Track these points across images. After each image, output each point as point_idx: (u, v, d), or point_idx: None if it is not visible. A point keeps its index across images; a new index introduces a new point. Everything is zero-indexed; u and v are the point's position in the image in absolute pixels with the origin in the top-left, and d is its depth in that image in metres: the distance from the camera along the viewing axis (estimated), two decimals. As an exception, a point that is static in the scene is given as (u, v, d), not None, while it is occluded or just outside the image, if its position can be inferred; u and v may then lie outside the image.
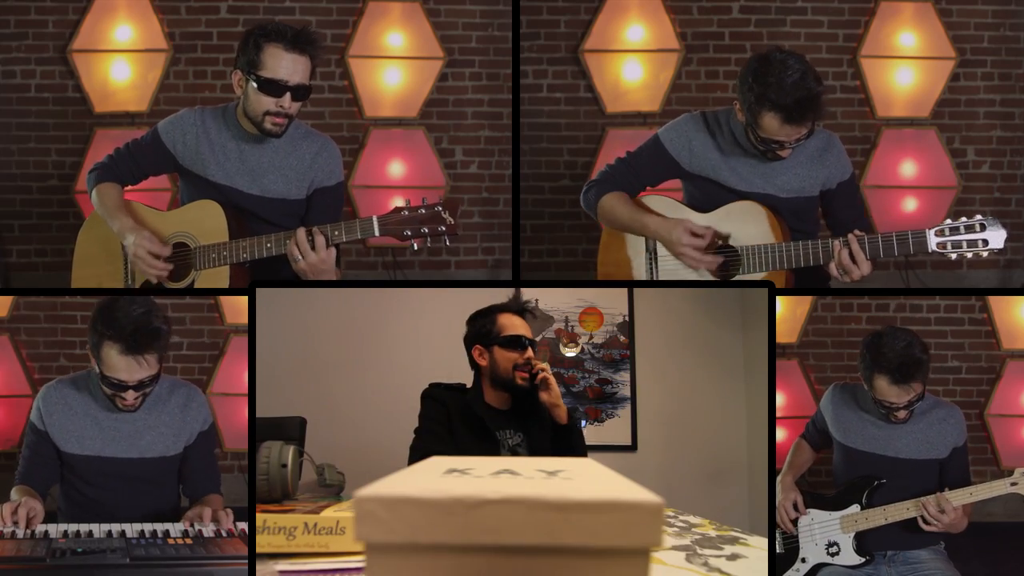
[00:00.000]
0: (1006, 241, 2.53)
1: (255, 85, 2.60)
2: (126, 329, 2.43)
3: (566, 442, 2.56)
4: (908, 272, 3.72)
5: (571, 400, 3.99)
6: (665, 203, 2.80)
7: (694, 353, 4.14)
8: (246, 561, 2.09)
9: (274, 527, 1.78)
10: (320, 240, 2.52)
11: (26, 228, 3.80)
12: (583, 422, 4.01)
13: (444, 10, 3.86)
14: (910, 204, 3.82)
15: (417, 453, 2.50)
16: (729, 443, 4.09)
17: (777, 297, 3.01)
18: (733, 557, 1.90)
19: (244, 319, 2.77)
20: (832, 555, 2.74)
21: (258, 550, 1.76)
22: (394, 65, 3.85)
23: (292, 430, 2.74)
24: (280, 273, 2.75)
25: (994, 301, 3.85)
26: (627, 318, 4.09)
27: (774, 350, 2.98)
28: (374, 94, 3.86)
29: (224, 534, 2.33)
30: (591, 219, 2.90)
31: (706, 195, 2.74)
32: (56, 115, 3.77)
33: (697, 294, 4.11)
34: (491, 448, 2.53)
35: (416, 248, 2.54)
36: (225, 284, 2.66)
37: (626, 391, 4.10)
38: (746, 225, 2.69)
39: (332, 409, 3.61)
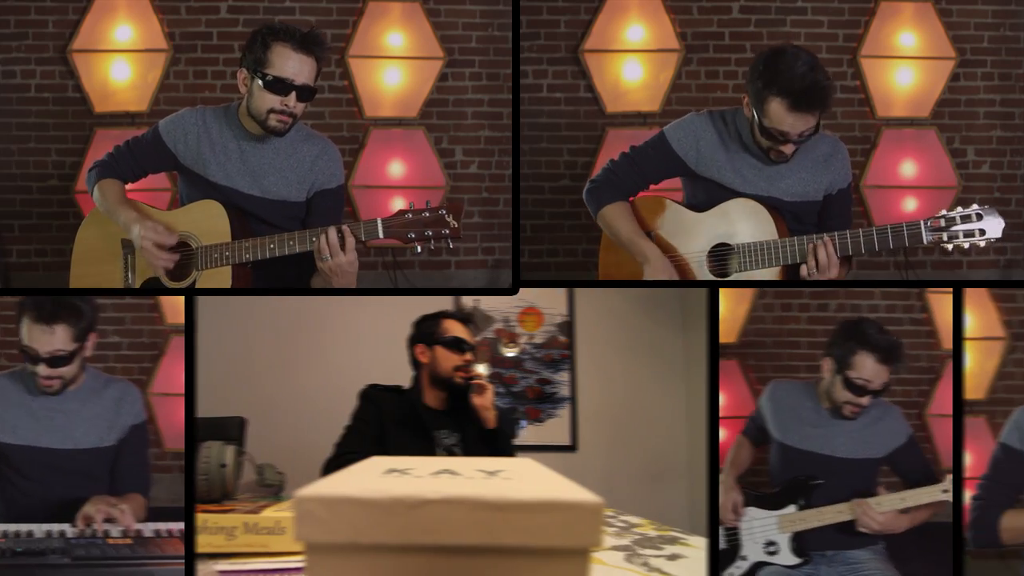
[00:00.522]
0: (1004, 231, 2.50)
1: (261, 83, 2.60)
2: (41, 299, 2.52)
3: (492, 445, 2.64)
4: (907, 271, 3.72)
5: (511, 400, 4.01)
6: (671, 209, 2.79)
7: (634, 353, 4.17)
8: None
9: (214, 527, 1.79)
10: (350, 241, 2.54)
11: (26, 228, 3.79)
12: (523, 422, 4.04)
13: (444, 10, 3.86)
14: (910, 204, 3.82)
15: (338, 448, 2.59)
16: (669, 443, 4.12)
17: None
18: (673, 557, 1.91)
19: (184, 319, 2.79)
20: (770, 554, 2.73)
21: (198, 550, 1.77)
22: (394, 65, 3.85)
23: (232, 430, 2.78)
24: (283, 274, 2.75)
25: (934, 300, 3.84)
26: (567, 318, 4.10)
27: (717, 350, 2.97)
28: (374, 94, 3.85)
29: (129, 533, 2.31)
30: (591, 219, 2.90)
31: (709, 195, 2.73)
32: (56, 115, 3.76)
33: (637, 294, 4.13)
34: (427, 447, 2.63)
35: (419, 251, 2.56)
36: (227, 284, 2.67)
37: (566, 391, 4.12)
38: (745, 223, 2.69)
39: (272, 409, 3.62)
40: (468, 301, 3.91)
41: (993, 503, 2.56)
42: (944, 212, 2.52)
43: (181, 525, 2.35)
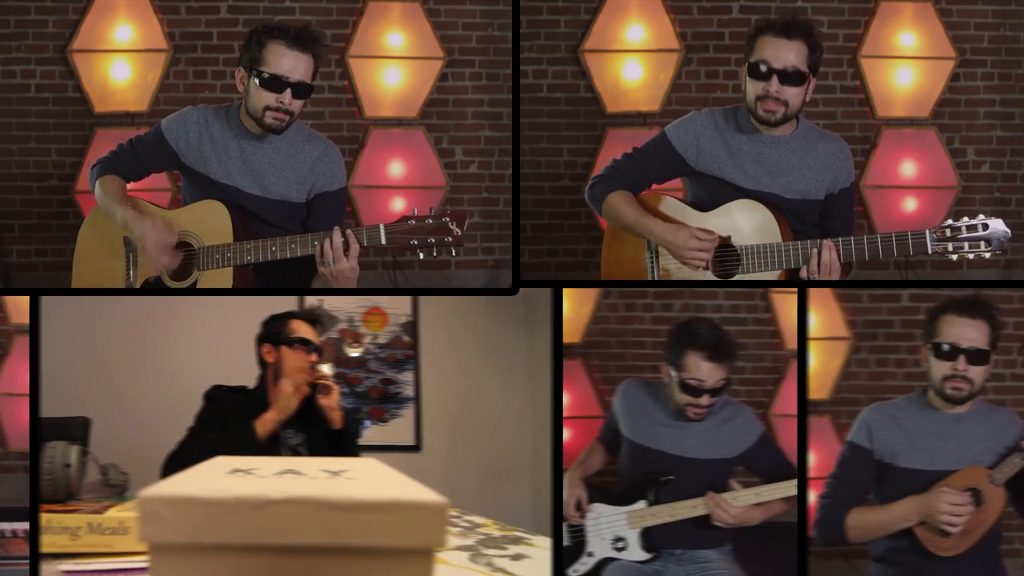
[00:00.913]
0: (1007, 239, 2.50)
1: (257, 81, 2.61)
2: None
3: (338, 446, 2.65)
4: (907, 272, 3.72)
5: (355, 400, 4.02)
6: (667, 203, 2.80)
7: (479, 353, 4.17)
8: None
9: (58, 527, 1.80)
10: (354, 248, 2.54)
11: (26, 228, 3.79)
12: (367, 422, 4.05)
13: (444, 10, 3.86)
14: (910, 204, 3.82)
15: (179, 447, 2.60)
16: (514, 443, 4.10)
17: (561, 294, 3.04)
18: (517, 557, 1.92)
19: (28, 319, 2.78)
20: (618, 550, 2.71)
21: (43, 550, 1.77)
22: (394, 65, 3.85)
23: (76, 430, 2.79)
24: (284, 275, 2.75)
25: (778, 300, 3.83)
26: (411, 318, 4.11)
27: (560, 349, 2.98)
28: (374, 94, 3.85)
29: None
30: (591, 219, 2.91)
31: (711, 194, 2.74)
32: (56, 115, 3.76)
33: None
34: (272, 447, 2.62)
35: (422, 257, 2.57)
36: (229, 285, 2.67)
37: (410, 391, 4.12)
38: (748, 224, 2.69)
39: (116, 409, 3.59)
40: (313, 300, 3.87)
41: (840, 501, 2.55)
42: (950, 222, 2.51)
43: (25, 525, 2.32)
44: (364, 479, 1.13)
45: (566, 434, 3.60)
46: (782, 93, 2.61)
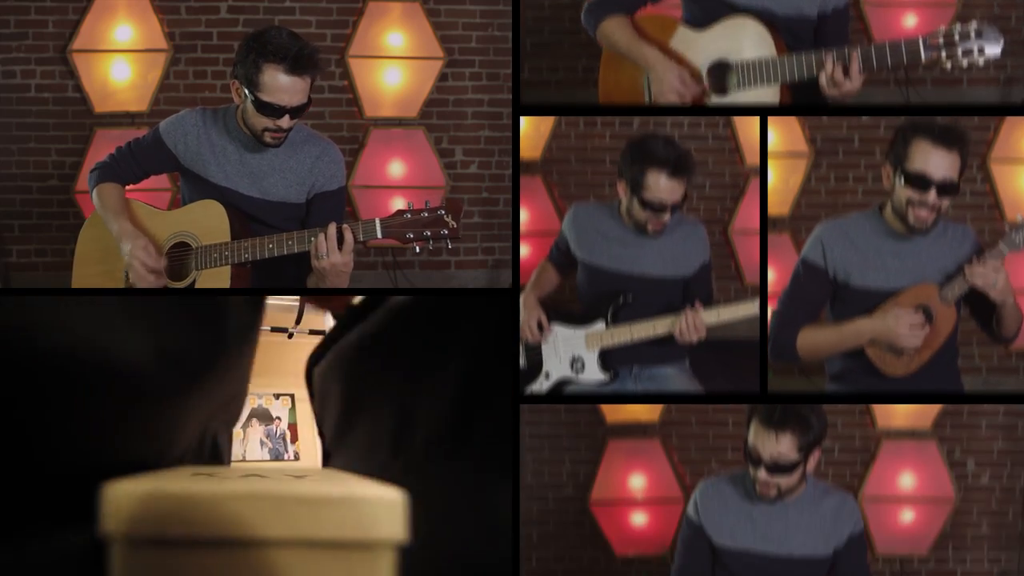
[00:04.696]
0: (1004, 48, 2.43)
1: (253, 105, 2.58)
2: None
3: None
4: (908, 88, 3.65)
5: None
6: (678, 35, 2.75)
7: None
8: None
9: None
10: (348, 241, 2.52)
11: (26, 228, 3.79)
12: None
13: (444, 10, 3.86)
14: (910, 20, 3.74)
15: None
16: None
17: (522, 116, 3.01)
18: None
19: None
20: (576, 371, 2.69)
21: None
22: (394, 65, 3.85)
23: None
24: (282, 274, 2.75)
25: (738, 117, 3.67)
26: None
27: (518, 173, 2.96)
28: (374, 94, 3.86)
29: None
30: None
31: (706, 11, 2.68)
32: (56, 115, 3.77)
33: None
34: None
35: (418, 251, 2.56)
36: (226, 284, 2.66)
37: None
38: (743, 41, 2.63)
39: None
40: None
41: (791, 319, 2.51)
42: (943, 28, 2.45)
43: None
44: (323, 480, 1.16)
45: (525, 250, 3.56)
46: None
